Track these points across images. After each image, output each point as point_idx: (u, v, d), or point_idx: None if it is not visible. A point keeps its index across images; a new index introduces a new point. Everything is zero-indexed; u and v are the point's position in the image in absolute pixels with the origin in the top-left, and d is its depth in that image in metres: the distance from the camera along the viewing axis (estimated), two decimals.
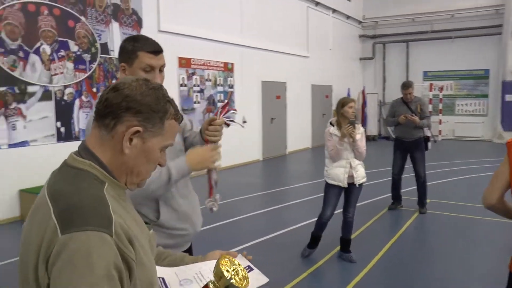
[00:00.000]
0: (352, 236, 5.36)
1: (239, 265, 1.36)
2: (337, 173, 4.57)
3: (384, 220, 6.28)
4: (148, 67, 1.97)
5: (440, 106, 16.68)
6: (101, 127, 1.18)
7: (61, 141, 7.08)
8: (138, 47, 1.97)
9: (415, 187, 6.66)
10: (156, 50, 2.00)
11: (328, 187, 4.71)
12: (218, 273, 1.31)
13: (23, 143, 6.60)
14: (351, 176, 4.57)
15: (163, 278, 1.41)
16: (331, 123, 4.65)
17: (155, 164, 1.26)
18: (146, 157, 1.21)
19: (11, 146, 6.46)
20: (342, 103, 4.55)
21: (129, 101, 1.16)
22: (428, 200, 6.75)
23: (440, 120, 16.56)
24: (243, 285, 1.32)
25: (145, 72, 1.96)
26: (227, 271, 1.30)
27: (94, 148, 1.19)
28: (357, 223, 5.96)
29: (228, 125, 2.13)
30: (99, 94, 1.90)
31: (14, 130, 6.47)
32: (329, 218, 4.73)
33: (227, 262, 1.33)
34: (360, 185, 4.64)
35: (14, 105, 6.45)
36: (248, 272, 1.51)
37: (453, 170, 10.18)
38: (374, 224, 6.09)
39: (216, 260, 1.35)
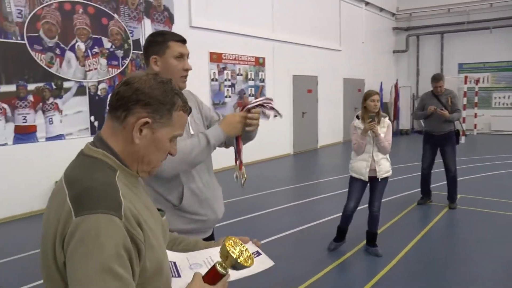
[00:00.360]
0: (380, 230, 5.37)
1: (244, 246, 1.41)
2: (359, 166, 4.59)
3: (413, 215, 6.24)
4: (179, 54, 2.15)
5: (476, 99, 16.27)
6: (114, 119, 1.27)
7: (94, 134, 7.27)
8: (168, 38, 2.16)
9: (446, 182, 6.58)
10: (183, 39, 2.20)
11: (352, 180, 4.74)
12: (224, 253, 1.36)
13: (59, 137, 6.87)
14: (374, 170, 4.56)
15: (174, 262, 1.49)
16: (357, 117, 4.67)
17: (165, 153, 1.34)
18: (156, 147, 1.29)
19: (48, 139, 6.72)
20: (365, 96, 4.55)
21: (139, 94, 1.24)
22: (458, 196, 6.66)
23: (476, 113, 16.17)
24: (249, 263, 1.38)
25: (176, 59, 2.14)
26: (232, 251, 1.36)
27: (107, 138, 1.28)
28: (385, 218, 5.97)
29: (264, 113, 2.18)
30: None
31: (51, 124, 6.73)
32: (353, 211, 4.75)
33: (232, 244, 1.39)
34: (384, 179, 4.63)
35: (51, 100, 6.71)
36: (256, 256, 1.57)
37: (487, 165, 9.97)
38: (402, 218, 6.06)
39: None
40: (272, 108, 2.19)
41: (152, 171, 1.36)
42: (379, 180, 4.59)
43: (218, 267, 1.35)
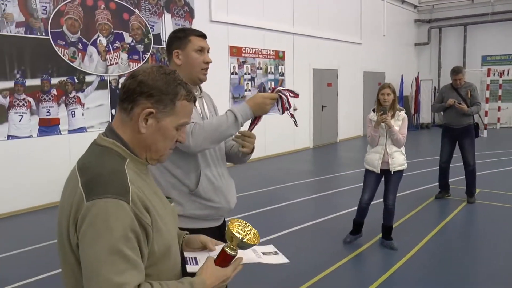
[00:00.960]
0: (397, 224, 5.42)
1: (249, 226, 1.49)
2: (372, 159, 4.65)
3: (431, 209, 6.23)
4: (200, 47, 2.27)
5: (500, 92, 15.99)
6: (122, 111, 1.35)
7: None
8: (189, 33, 2.29)
9: (464, 176, 6.55)
10: (204, 34, 2.32)
11: (366, 172, 4.80)
12: (229, 235, 1.43)
13: (81, 129, 7.04)
14: (387, 163, 4.60)
15: (195, 257, 1.59)
16: (373, 110, 4.73)
17: (172, 141, 1.41)
18: (162, 135, 1.37)
19: (70, 132, 6.90)
20: (379, 89, 4.62)
21: (142, 86, 1.31)
22: (477, 190, 6.62)
23: (499, 107, 15.91)
24: (256, 242, 1.45)
25: (197, 52, 2.26)
26: (238, 232, 1.43)
27: (117, 129, 1.36)
28: (403, 211, 5.99)
29: (281, 98, 2.21)
30: None
31: (73, 117, 6.90)
32: (368, 203, 4.80)
33: (237, 226, 1.46)
34: (397, 172, 4.65)
35: (73, 93, 6.88)
36: (273, 255, 1.65)
37: (508, 159, 9.84)
38: (420, 212, 6.07)
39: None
40: (292, 116, 2.35)
41: (161, 159, 1.43)
42: (392, 173, 4.61)
43: (226, 249, 1.42)
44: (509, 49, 16.55)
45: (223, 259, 1.42)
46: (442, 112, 6.63)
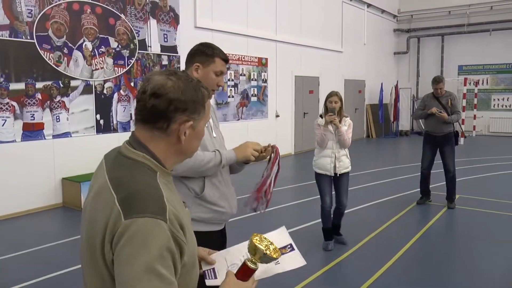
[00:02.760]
0: (379, 229, 5.58)
1: (269, 240, 1.52)
2: (324, 163, 4.91)
3: (412, 214, 6.37)
4: (220, 72, 2.38)
5: (475, 101, 16.41)
6: (154, 129, 1.33)
7: (100, 132, 7.45)
8: (217, 53, 2.36)
9: (445, 182, 6.72)
10: (228, 60, 2.44)
11: (318, 176, 5.02)
12: (252, 248, 1.46)
13: (66, 134, 7.00)
14: (334, 166, 4.90)
15: (213, 268, 1.62)
16: (320, 116, 5.03)
17: (201, 138, 1.46)
18: (198, 138, 1.41)
19: (55, 137, 6.85)
20: (326, 97, 4.94)
21: (176, 103, 1.30)
22: (457, 196, 6.80)
23: (475, 115, 16.31)
24: (277, 255, 1.49)
25: (216, 75, 2.36)
26: (260, 245, 1.47)
27: (146, 142, 1.34)
28: (385, 216, 6.13)
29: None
30: (138, 87, 2.17)
31: (58, 122, 6.86)
32: (331, 206, 5.02)
33: (258, 239, 1.50)
34: (345, 174, 4.96)
35: (58, 98, 6.84)
36: (289, 251, 1.70)
37: (485, 166, 10.11)
38: (402, 217, 6.20)
39: (248, 240, 1.52)
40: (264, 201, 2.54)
41: (192, 155, 1.49)
42: (339, 175, 4.92)
43: (248, 263, 1.45)
44: (483, 60, 17.00)
45: (245, 273, 1.45)
46: (423, 120, 6.81)
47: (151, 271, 1.18)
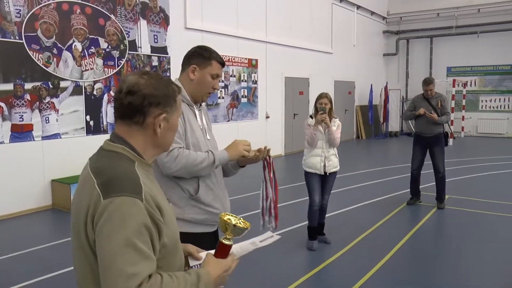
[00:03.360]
0: (369, 230, 5.59)
1: (237, 216, 1.62)
2: (314, 162, 5.01)
3: (402, 215, 6.41)
4: (216, 75, 2.41)
5: (464, 102, 16.56)
6: (131, 124, 1.46)
7: (90, 134, 7.40)
8: (214, 57, 2.41)
9: (434, 182, 6.77)
10: (224, 63, 2.48)
11: (307, 175, 5.10)
12: (222, 225, 1.57)
13: (55, 136, 6.94)
14: (324, 165, 4.99)
15: (199, 264, 1.67)
16: (310, 116, 5.11)
17: (176, 132, 1.59)
18: (172, 130, 1.54)
19: (44, 138, 6.79)
20: (316, 98, 5.03)
21: (149, 98, 1.43)
22: (447, 196, 6.85)
23: (463, 116, 16.46)
24: (247, 226, 1.60)
25: (212, 77, 2.39)
26: (229, 219, 1.58)
27: (125, 136, 1.47)
28: (376, 217, 6.16)
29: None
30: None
31: (47, 123, 6.80)
32: (319, 205, 5.09)
33: (229, 218, 1.60)
34: (333, 173, 5.08)
35: (48, 99, 6.79)
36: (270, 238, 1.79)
37: (474, 166, 10.20)
38: (392, 218, 6.23)
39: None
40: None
41: (158, 155, 1.60)
42: (328, 174, 5.02)
43: (223, 240, 1.56)
44: (471, 61, 17.17)
45: (221, 251, 1.55)
46: (413, 120, 6.85)
47: (129, 245, 1.27)
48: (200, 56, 2.38)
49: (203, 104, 2.56)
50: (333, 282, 4.31)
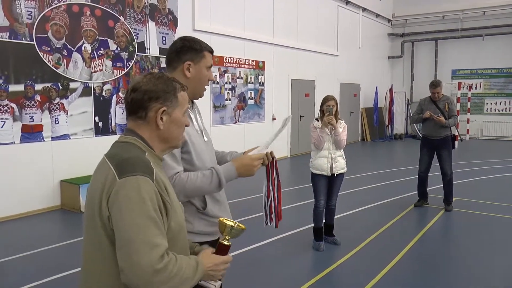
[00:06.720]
0: (378, 232, 5.62)
1: (234, 221, 1.79)
2: (321, 164, 5.03)
3: (410, 217, 6.42)
4: (211, 65, 2.28)
5: (469, 105, 16.57)
6: (137, 119, 1.60)
7: (99, 135, 7.44)
8: (204, 47, 2.25)
9: (442, 185, 6.78)
10: (213, 50, 2.33)
11: (314, 177, 5.12)
12: (222, 227, 1.75)
13: (65, 136, 6.99)
14: (331, 167, 5.02)
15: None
16: (316, 119, 5.17)
17: (183, 127, 1.69)
18: (176, 124, 1.64)
19: (53, 138, 6.84)
20: (322, 101, 5.08)
21: (148, 93, 1.57)
22: (454, 198, 6.87)
23: (468, 119, 16.46)
24: (243, 227, 1.78)
25: (207, 69, 2.25)
26: (227, 221, 1.77)
27: (135, 130, 1.61)
28: (384, 219, 6.18)
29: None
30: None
31: (57, 124, 6.85)
32: (324, 206, 5.14)
33: (227, 220, 1.77)
34: (340, 175, 5.12)
35: (57, 100, 6.84)
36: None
37: (480, 169, 10.21)
38: (400, 220, 6.25)
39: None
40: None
41: (178, 144, 1.72)
42: (335, 175, 5.05)
43: (222, 241, 1.72)
44: (476, 64, 17.17)
45: (221, 250, 1.72)
46: (420, 123, 6.87)
47: (150, 219, 1.39)
48: (191, 49, 2.19)
49: (195, 102, 2.38)
50: (342, 284, 4.31)
